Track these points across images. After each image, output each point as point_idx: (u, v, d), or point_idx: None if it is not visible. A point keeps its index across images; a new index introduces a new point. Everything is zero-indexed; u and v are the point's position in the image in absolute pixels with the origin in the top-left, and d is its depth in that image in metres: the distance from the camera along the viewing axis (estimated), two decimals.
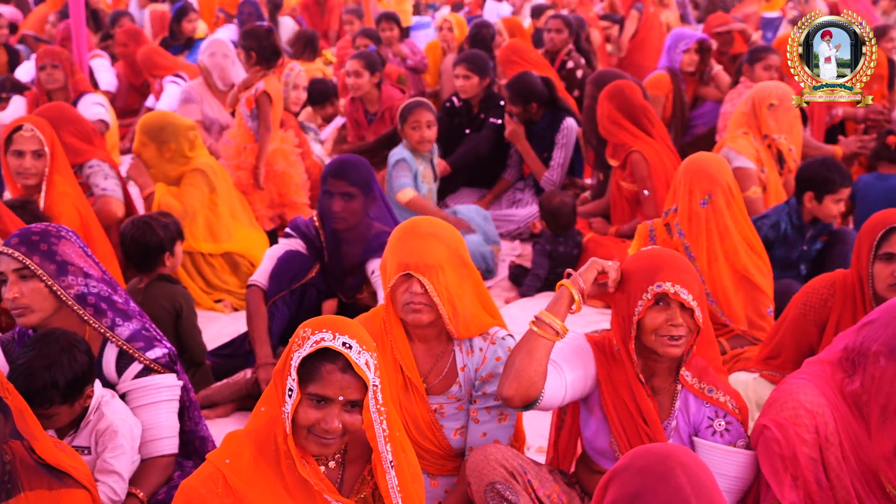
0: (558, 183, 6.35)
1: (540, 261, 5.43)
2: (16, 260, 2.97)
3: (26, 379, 2.80)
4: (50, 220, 4.41)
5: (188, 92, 6.84)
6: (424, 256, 2.95)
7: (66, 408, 2.88)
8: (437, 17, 13.36)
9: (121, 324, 3.06)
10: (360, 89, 6.83)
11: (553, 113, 6.41)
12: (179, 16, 9.99)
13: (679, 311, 2.79)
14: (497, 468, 2.84)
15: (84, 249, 3.12)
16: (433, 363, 3.10)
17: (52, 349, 2.85)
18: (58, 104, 5.65)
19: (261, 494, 2.38)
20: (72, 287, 3.01)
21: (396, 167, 5.77)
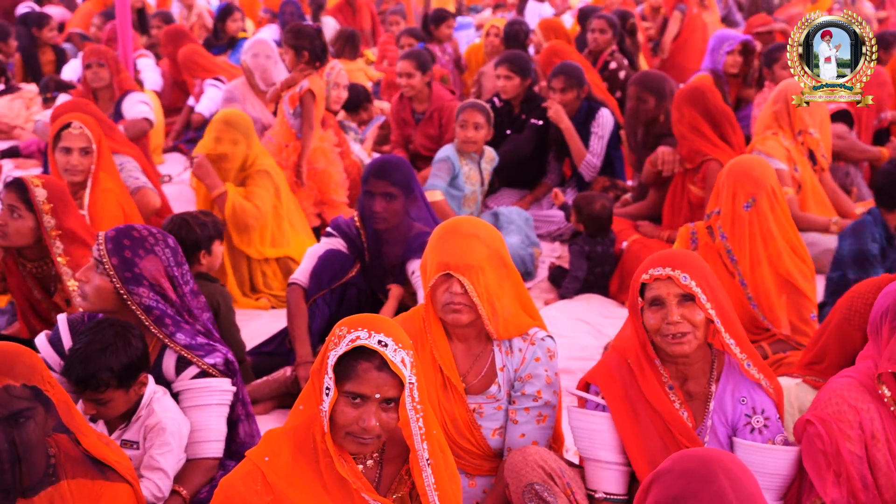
0: (597, 167, 6.32)
1: (578, 262, 5.40)
2: (98, 251, 3.08)
3: (82, 363, 2.86)
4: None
5: (231, 91, 6.90)
6: (465, 256, 2.95)
7: (121, 393, 2.93)
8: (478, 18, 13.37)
9: (180, 334, 3.12)
10: (412, 89, 6.85)
11: (588, 105, 6.41)
12: (223, 15, 10.08)
13: (676, 307, 2.77)
14: (536, 469, 2.83)
15: (171, 268, 3.16)
16: (472, 363, 3.10)
17: (107, 334, 2.91)
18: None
19: (299, 492, 2.39)
20: (140, 297, 3.07)
21: (437, 165, 5.79)
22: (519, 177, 6.65)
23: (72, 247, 3.84)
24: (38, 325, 4.02)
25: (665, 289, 2.78)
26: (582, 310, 5.19)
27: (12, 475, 2.39)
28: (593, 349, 4.69)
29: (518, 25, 8.63)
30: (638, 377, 2.88)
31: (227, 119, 5.37)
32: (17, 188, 3.81)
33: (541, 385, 3.07)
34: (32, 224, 3.81)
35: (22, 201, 3.79)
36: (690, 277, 2.77)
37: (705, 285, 2.79)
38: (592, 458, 2.92)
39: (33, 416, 2.41)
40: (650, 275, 2.80)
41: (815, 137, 5.35)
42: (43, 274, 3.97)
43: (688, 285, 2.77)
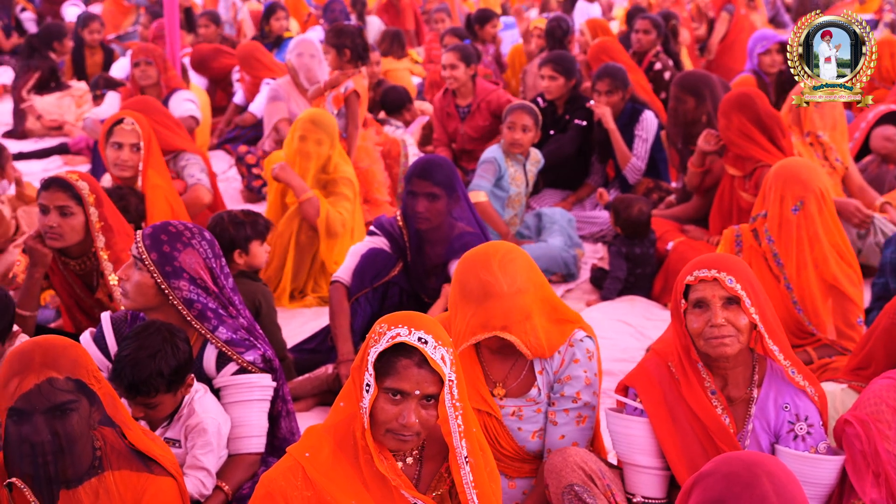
0: (642, 170, 6.28)
1: (617, 263, 5.37)
2: (137, 248, 3.11)
3: (132, 369, 2.90)
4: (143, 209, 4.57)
5: (276, 90, 6.95)
6: (512, 314, 2.88)
7: (169, 396, 2.98)
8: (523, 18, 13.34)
9: (222, 328, 3.14)
10: (456, 81, 6.85)
11: (632, 107, 6.37)
12: (268, 14, 10.15)
13: (720, 309, 2.74)
14: (576, 470, 2.82)
15: (209, 260, 3.19)
16: (510, 368, 3.09)
17: (155, 340, 2.94)
18: (144, 98, 5.86)
19: (339, 488, 2.40)
20: (181, 291, 3.10)
21: (482, 166, 5.79)
22: (562, 177, 6.63)
23: (112, 240, 3.89)
24: (83, 320, 4.08)
25: (710, 291, 2.76)
26: (625, 311, 5.16)
27: (55, 466, 2.42)
28: (635, 351, 4.66)
29: (556, 23, 8.61)
30: (680, 381, 2.85)
31: (315, 118, 5.33)
32: (62, 187, 3.84)
33: (580, 386, 3.05)
34: (83, 219, 3.86)
35: (71, 198, 3.83)
36: (736, 280, 2.75)
37: (750, 289, 2.76)
38: (630, 463, 2.91)
39: (76, 408, 2.44)
40: (695, 276, 2.78)
41: (824, 140, 5.28)
42: (85, 271, 4.01)
43: (733, 288, 2.74)
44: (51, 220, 3.82)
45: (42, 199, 3.85)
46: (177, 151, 5.38)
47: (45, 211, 3.84)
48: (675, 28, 8.89)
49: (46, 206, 3.83)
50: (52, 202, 3.82)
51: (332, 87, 6.05)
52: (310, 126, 5.28)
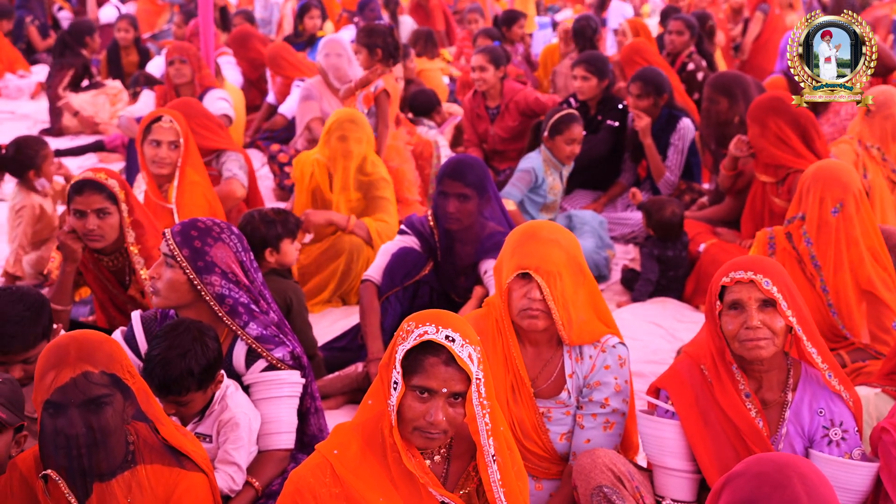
0: (676, 183, 6.25)
1: (649, 265, 5.35)
2: (168, 246, 3.12)
3: (163, 369, 2.91)
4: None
5: (308, 89, 6.98)
6: (544, 261, 2.94)
7: (200, 394, 2.99)
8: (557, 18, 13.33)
9: (252, 324, 3.15)
10: (485, 83, 6.85)
11: (669, 113, 6.32)
12: (302, 12, 10.19)
13: (756, 312, 2.73)
14: (605, 472, 2.81)
15: (239, 254, 3.21)
16: (542, 367, 3.09)
17: (185, 339, 2.95)
18: (185, 99, 5.89)
19: (367, 485, 2.41)
20: (213, 286, 3.11)
21: (518, 175, 5.75)
22: (593, 178, 6.60)
23: (143, 235, 3.92)
24: (117, 315, 4.11)
25: (746, 293, 2.75)
26: (656, 313, 5.14)
27: (89, 459, 2.44)
28: (666, 353, 4.64)
29: (586, 22, 8.58)
30: (714, 383, 2.84)
31: (352, 117, 5.32)
32: (96, 189, 3.86)
33: (609, 392, 3.04)
34: (118, 218, 3.90)
35: (107, 199, 3.86)
36: (772, 283, 2.73)
37: (786, 292, 2.74)
38: (660, 465, 2.90)
39: (111, 402, 2.46)
40: (731, 278, 2.77)
41: (874, 153, 5.22)
42: (117, 267, 4.05)
43: (769, 290, 2.73)
44: (90, 223, 3.85)
45: (77, 203, 3.86)
46: (220, 150, 5.42)
47: (82, 214, 3.86)
48: (712, 29, 8.84)
49: (83, 210, 3.85)
50: (89, 205, 3.85)
51: (363, 86, 6.07)
52: (349, 125, 5.28)
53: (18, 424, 2.70)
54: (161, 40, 10.66)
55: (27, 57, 11.70)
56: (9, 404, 2.66)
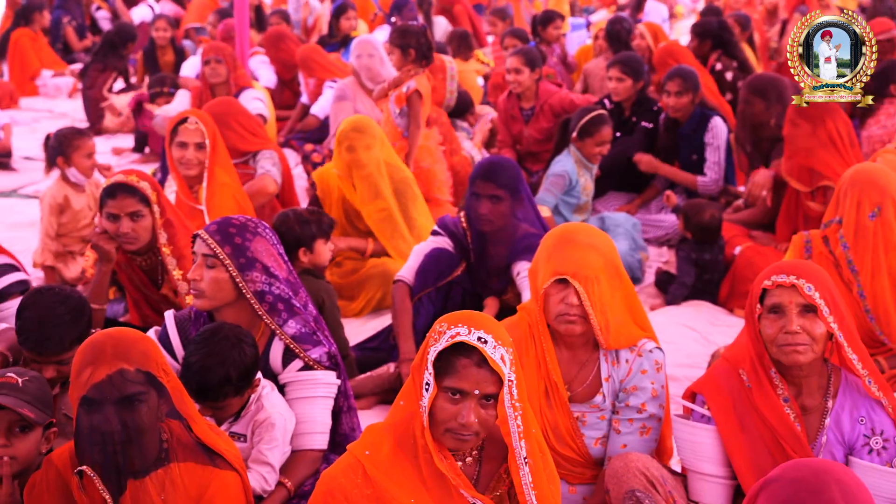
0: (717, 182, 6.20)
1: (686, 268, 5.31)
2: (208, 246, 3.11)
3: (202, 376, 2.93)
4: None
5: (342, 90, 7.00)
6: (582, 266, 2.93)
7: (237, 399, 3.01)
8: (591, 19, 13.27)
9: (291, 323, 3.16)
10: (520, 85, 6.83)
11: (701, 113, 6.27)
12: (338, 13, 10.22)
13: (796, 317, 2.69)
14: (638, 476, 2.79)
15: (276, 247, 3.22)
16: (577, 371, 3.08)
17: (223, 346, 2.96)
18: (225, 99, 5.93)
19: (399, 486, 2.41)
20: (255, 283, 3.11)
21: (552, 179, 5.72)
22: (627, 180, 6.57)
23: (174, 235, 3.94)
24: (150, 314, 4.13)
25: (787, 297, 2.71)
26: (690, 316, 5.10)
27: (124, 456, 2.46)
28: (700, 357, 4.61)
29: (620, 24, 8.54)
30: (752, 387, 2.81)
31: (356, 126, 5.25)
32: (129, 192, 3.86)
33: (646, 398, 3.03)
34: (151, 219, 3.92)
35: (140, 202, 3.87)
36: (815, 288, 2.69)
37: (829, 298, 2.71)
38: (694, 470, 2.87)
39: (146, 400, 2.48)
40: (773, 281, 2.73)
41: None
42: (150, 266, 4.07)
43: (811, 296, 2.69)
44: (124, 226, 3.87)
45: (110, 207, 3.87)
46: (255, 151, 5.44)
47: (116, 218, 3.87)
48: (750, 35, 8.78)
49: (117, 213, 3.86)
50: (123, 209, 3.86)
51: (396, 86, 6.07)
52: (354, 135, 5.19)
53: (47, 422, 2.73)
54: (202, 35, 10.70)
55: (64, 57, 11.82)
56: (36, 402, 2.69)
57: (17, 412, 2.61)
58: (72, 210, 5.35)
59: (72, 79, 11.02)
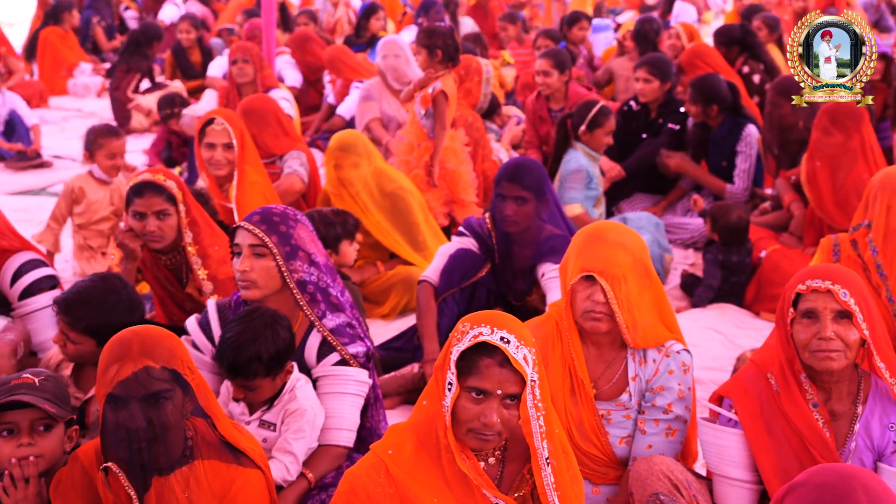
0: (746, 191, 6.16)
1: (712, 271, 5.28)
2: (255, 236, 3.13)
3: (233, 352, 2.96)
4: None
5: (368, 90, 7.01)
6: (609, 264, 2.93)
7: (268, 381, 3.03)
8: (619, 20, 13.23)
9: (329, 315, 3.17)
10: (549, 87, 6.83)
11: (733, 120, 6.22)
12: (368, 13, 10.23)
13: (830, 322, 2.66)
14: (662, 479, 2.78)
15: (314, 233, 3.25)
16: (604, 369, 3.07)
17: (257, 324, 2.99)
18: (262, 96, 5.94)
19: (421, 486, 2.41)
20: (297, 272, 3.14)
21: (572, 177, 5.71)
22: (653, 182, 6.54)
23: (199, 234, 3.97)
24: (176, 312, 4.16)
25: (822, 302, 2.68)
26: (715, 319, 5.07)
27: (149, 453, 2.48)
28: (725, 360, 4.58)
29: (649, 24, 8.50)
30: (781, 392, 2.78)
31: (341, 144, 5.27)
32: (156, 191, 3.89)
33: (672, 398, 3.02)
34: (177, 218, 3.95)
35: (166, 201, 3.90)
36: (850, 294, 2.66)
37: (863, 304, 2.68)
38: (720, 474, 2.86)
39: (171, 397, 2.50)
40: (807, 286, 2.70)
41: None
42: (175, 265, 4.09)
43: (847, 302, 2.66)
44: (150, 224, 3.89)
45: (137, 205, 3.89)
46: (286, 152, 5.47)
47: (142, 216, 3.90)
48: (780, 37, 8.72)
49: (143, 212, 3.89)
50: (149, 208, 3.89)
51: (422, 87, 6.08)
52: (339, 154, 5.22)
53: (68, 418, 2.75)
54: (233, 35, 10.76)
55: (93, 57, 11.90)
56: (56, 399, 2.71)
57: (40, 408, 2.63)
58: (87, 201, 5.41)
59: (100, 78, 11.10)
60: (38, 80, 10.94)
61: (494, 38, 11.43)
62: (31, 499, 2.64)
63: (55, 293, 3.99)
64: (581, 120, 5.77)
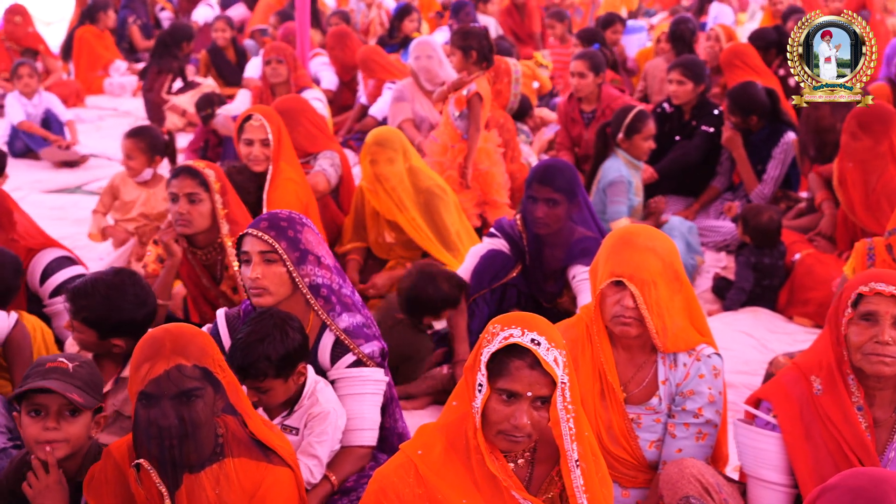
0: (769, 197, 6.11)
1: (745, 273, 5.24)
2: (265, 243, 3.13)
3: (242, 353, 2.96)
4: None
5: (400, 91, 7.03)
6: (639, 269, 2.91)
7: (279, 382, 3.00)
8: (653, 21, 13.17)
9: (343, 316, 3.18)
10: (583, 90, 6.79)
11: (772, 125, 6.16)
12: (401, 14, 10.24)
13: (889, 328, 2.63)
14: (692, 482, 2.77)
15: (319, 235, 3.26)
16: (634, 372, 3.06)
17: (266, 325, 2.99)
18: (295, 96, 5.97)
19: (450, 486, 2.41)
20: (308, 276, 3.14)
21: (613, 188, 5.63)
22: (686, 184, 6.49)
23: (236, 233, 3.99)
24: (208, 311, 4.19)
25: (885, 306, 2.65)
26: (748, 323, 5.04)
27: (180, 450, 2.50)
28: (757, 364, 4.55)
29: (685, 24, 8.45)
30: (825, 394, 2.75)
31: (378, 139, 5.23)
32: (190, 174, 3.96)
33: (703, 402, 3.00)
34: (210, 206, 3.98)
35: (199, 185, 3.95)
36: None
37: None
38: (756, 477, 2.84)
39: (202, 395, 2.51)
40: (871, 288, 2.67)
41: None
42: (210, 261, 4.13)
43: None
44: (180, 206, 3.95)
45: (171, 187, 3.98)
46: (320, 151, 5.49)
47: (175, 199, 3.97)
48: None
49: (176, 193, 3.97)
50: (181, 189, 3.95)
51: (456, 88, 6.08)
52: (375, 149, 5.18)
53: (96, 406, 2.78)
54: (265, 36, 10.82)
55: (128, 57, 12.00)
56: (86, 387, 2.74)
57: (65, 396, 2.67)
58: (122, 199, 5.48)
59: (136, 77, 11.19)
60: (74, 80, 11.05)
61: (530, 38, 11.41)
62: (52, 486, 2.68)
63: None
64: (618, 127, 5.73)
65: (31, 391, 2.69)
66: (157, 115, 9.23)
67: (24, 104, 8.13)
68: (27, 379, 2.73)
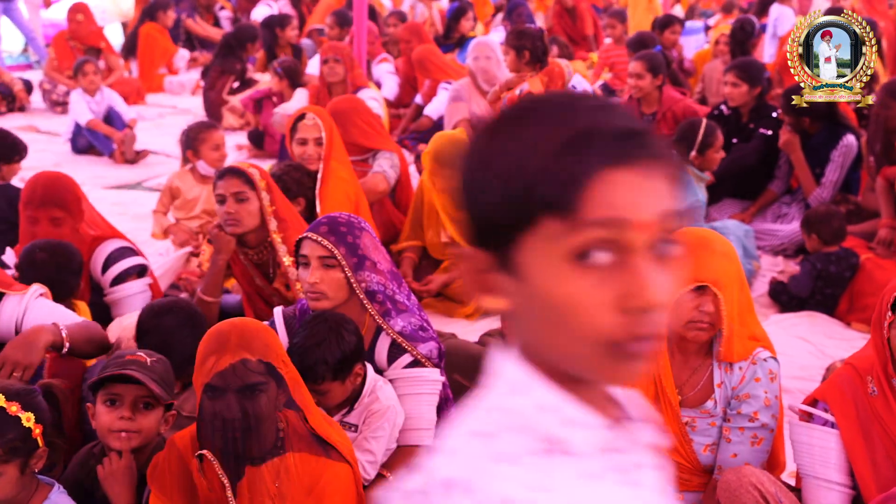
0: (828, 201, 6.03)
1: (805, 283, 5.13)
2: (324, 248, 3.16)
3: (300, 357, 2.98)
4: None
5: (457, 91, 7.05)
6: (721, 274, 2.90)
7: (337, 384, 3.03)
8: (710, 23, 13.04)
9: (398, 319, 3.19)
10: (641, 91, 6.75)
11: (831, 128, 6.08)
12: (458, 14, 10.26)
13: None
14: (751, 490, 2.74)
15: (376, 239, 3.28)
16: (689, 375, 3.05)
17: (322, 329, 3.02)
18: (350, 96, 6.02)
19: None
20: (365, 281, 3.17)
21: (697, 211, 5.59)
22: (743, 187, 6.42)
23: (286, 231, 4.03)
24: (263, 308, 4.22)
25: None
26: (805, 328, 4.98)
27: (243, 443, 2.54)
28: (814, 369, 4.49)
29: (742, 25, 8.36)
30: (879, 396, 2.73)
31: (436, 154, 5.23)
32: (236, 174, 3.99)
33: (758, 406, 2.97)
34: (257, 205, 4.01)
35: (245, 184, 3.98)
36: None
37: None
38: (813, 476, 2.81)
39: (266, 390, 2.55)
40: None
41: None
42: (262, 260, 4.16)
43: None
44: (228, 206, 3.98)
45: (218, 188, 4.01)
46: (376, 150, 5.53)
47: (223, 200, 4.00)
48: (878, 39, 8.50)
49: (223, 194, 3.99)
50: (228, 190, 3.98)
51: (509, 88, 6.08)
52: (434, 166, 5.16)
53: (168, 402, 2.83)
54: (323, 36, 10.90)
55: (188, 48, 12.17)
56: (161, 382, 2.79)
57: (147, 386, 2.72)
58: (183, 198, 5.56)
59: (196, 75, 11.33)
60: (135, 78, 11.22)
61: (584, 40, 11.35)
62: (123, 470, 2.74)
63: (145, 280, 4.22)
64: (690, 144, 5.66)
65: (110, 380, 2.75)
66: (215, 114, 9.34)
67: (87, 101, 8.20)
68: (105, 369, 2.79)
